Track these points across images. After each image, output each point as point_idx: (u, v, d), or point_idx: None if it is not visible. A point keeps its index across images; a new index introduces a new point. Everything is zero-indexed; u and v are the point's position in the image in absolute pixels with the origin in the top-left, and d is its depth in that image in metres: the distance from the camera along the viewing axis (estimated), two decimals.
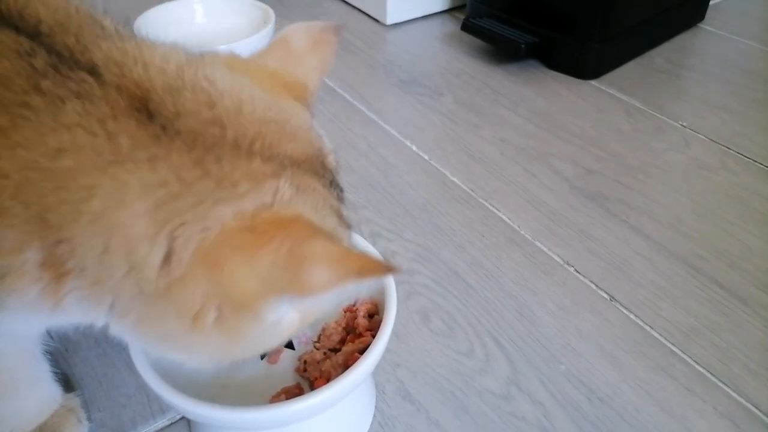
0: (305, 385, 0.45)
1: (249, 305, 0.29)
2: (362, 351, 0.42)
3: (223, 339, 0.31)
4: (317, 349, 0.47)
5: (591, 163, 0.82)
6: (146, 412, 0.51)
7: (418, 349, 0.57)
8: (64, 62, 0.30)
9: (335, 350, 0.46)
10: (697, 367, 0.56)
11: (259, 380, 0.45)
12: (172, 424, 0.51)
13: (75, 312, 0.32)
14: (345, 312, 0.48)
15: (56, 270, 0.30)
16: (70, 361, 0.55)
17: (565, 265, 0.66)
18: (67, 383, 0.52)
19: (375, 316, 0.47)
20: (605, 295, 0.63)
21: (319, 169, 0.35)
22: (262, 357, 0.46)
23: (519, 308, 0.61)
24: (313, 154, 0.35)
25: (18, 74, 0.29)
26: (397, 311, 0.43)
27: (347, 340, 0.46)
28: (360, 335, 0.46)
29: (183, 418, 0.51)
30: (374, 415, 0.51)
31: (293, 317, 0.34)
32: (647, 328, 0.59)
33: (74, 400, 0.50)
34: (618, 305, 0.62)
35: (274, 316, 0.31)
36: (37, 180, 0.29)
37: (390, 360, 0.56)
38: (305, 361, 0.45)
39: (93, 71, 0.30)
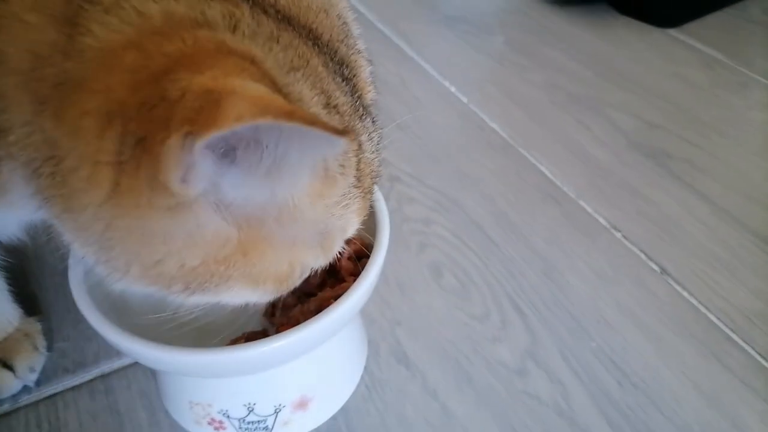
0: (273, 331, 0.39)
1: (153, 142, 0.22)
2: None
3: (129, 218, 0.25)
4: (291, 293, 0.40)
5: (656, 117, 0.72)
6: (111, 348, 0.46)
7: (423, 307, 0.50)
8: None
9: (311, 295, 0.40)
10: (758, 358, 0.47)
11: (223, 324, 0.39)
12: (136, 363, 0.46)
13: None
14: None
15: None
16: (42, 284, 0.52)
17: (612, 229, 0.57)
18: (31, 307, 0.48)
19: (364, 259, 0.40)
20: (655, 267, 0.54)
21: (323, 47, 0.29)
22: None
23: (547, 271, 0.53)
24: (321, 28, 0.30)
25: None
26: (407, 263, 0.37)
27: (327, 284, 0.40)
28: (342, 280, 0.39)
29: None
30: (362, 377, 0.45)
31: (225, 230, 0.26)
32: (702, 308, 0.51)
33: (34, 326, 0.46)
34: (669, 279, 0.53)
35: (183, 188, 0.23)
36: None
37: (389, 316, 0.49)
38: (274, 305, 0.39)
39: None
